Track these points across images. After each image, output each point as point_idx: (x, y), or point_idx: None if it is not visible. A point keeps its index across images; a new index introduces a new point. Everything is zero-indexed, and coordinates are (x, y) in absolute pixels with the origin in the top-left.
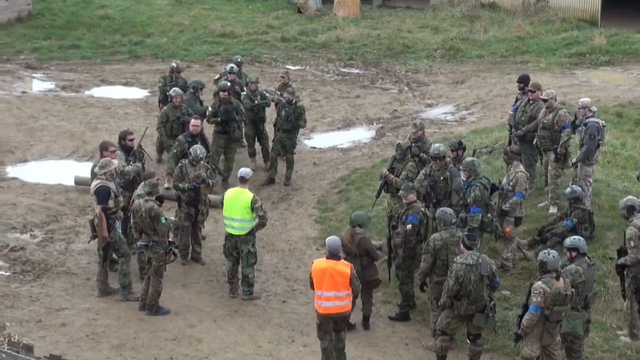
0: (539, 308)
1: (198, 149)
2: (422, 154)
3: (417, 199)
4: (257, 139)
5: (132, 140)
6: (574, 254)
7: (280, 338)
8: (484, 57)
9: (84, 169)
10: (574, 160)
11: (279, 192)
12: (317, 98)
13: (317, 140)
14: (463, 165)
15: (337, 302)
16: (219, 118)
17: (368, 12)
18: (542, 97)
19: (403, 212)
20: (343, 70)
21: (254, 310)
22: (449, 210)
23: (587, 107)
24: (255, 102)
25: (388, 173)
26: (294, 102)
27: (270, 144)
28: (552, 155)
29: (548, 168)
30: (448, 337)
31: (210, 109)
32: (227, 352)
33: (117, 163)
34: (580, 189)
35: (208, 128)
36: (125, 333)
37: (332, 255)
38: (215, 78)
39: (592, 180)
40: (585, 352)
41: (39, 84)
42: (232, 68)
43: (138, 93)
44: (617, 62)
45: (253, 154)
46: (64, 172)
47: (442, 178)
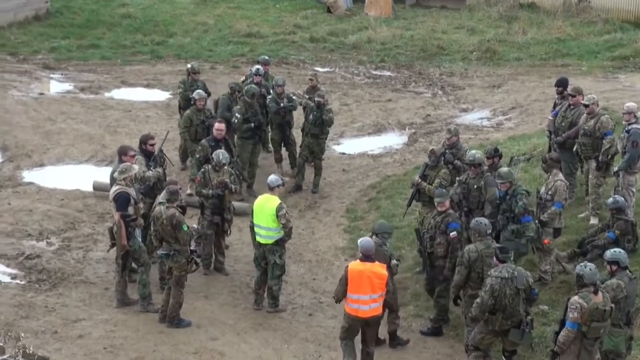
0: (576, 324)
1: (221, 154)
2: (456, 161)
3: (451, 207)
4: (283, 144)
5: (153, 145)
6: (615, 268)
7: (307, 353)
8: (522, 59)
9: (103, 174)
10: (616, 169)
11: (307, 199)
12: (346, 102)
13: (346, 146)
14: (503, 176)
15: (372, 304)
16: (252, 124)
17: (401, 11)
18: (583, 102)
19: (440, 220)
20: (374, 73)
21: (279, 324)
22: (484, 221)
23: (632, 112)
24: (281, 104)
25: (420, 181)
26: (323, 104)
27: (298, 150)
28: (593, 164)
29: (589, 177)
30: (482, 353)
31: (238, 115)
32: None
33: (137, 168)
34: (623, 199)
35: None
36: (145, 346)
37: (366, 257)
38: (241, 80)
39: (635, 190)
40: None
41: (57, 85)
42: (257, 70)
43: (160, 95)
44: None
45: (279, 160)
46: (82, 177)
47: (476, 187)
